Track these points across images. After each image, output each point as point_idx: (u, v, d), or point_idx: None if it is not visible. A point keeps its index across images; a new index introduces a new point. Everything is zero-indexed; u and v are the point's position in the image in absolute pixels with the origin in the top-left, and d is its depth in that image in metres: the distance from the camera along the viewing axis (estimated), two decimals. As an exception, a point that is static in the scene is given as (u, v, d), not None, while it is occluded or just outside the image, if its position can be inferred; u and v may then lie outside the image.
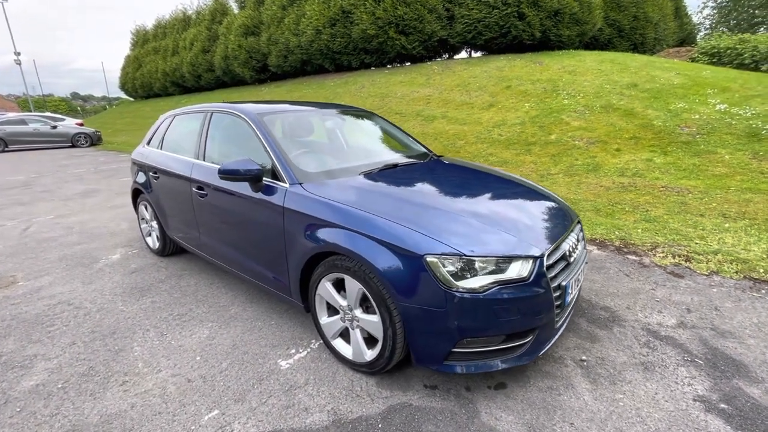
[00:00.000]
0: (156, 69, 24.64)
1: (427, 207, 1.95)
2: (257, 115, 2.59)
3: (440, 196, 2.12)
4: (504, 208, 2.06)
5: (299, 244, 2.09)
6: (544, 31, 11.01)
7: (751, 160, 5.38)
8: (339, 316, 2.06)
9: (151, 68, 25.17)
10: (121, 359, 2.22)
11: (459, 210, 1.95)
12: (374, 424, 1.70)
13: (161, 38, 25.85)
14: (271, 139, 2.42)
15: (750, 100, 6.90)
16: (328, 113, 3.06)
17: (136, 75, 27.13)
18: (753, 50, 9.78)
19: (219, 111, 2.90)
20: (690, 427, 1.65)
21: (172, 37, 24.26)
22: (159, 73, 24.23)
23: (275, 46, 16.07)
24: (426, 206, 1.96)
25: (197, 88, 22.57)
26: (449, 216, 1.88)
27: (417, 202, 2.00)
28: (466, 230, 1.78)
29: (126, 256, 3.81)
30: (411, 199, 2.03)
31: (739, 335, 2.27)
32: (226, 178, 2.27)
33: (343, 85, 13.16)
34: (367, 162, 2.59)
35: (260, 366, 2.12)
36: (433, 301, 1.65)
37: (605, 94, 8.15)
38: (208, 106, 3.09)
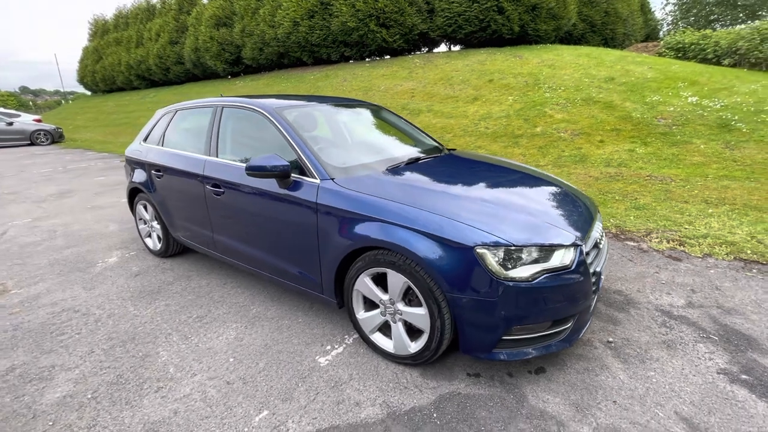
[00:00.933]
0: (119, 61, 23.34)
1: (464, 199, 1.98)
2: (276, 110, 2.53)
3: (472, 189, 2.15)
4: (536, 199, 2.12)
5: (336, 240, 2.07)
6: (523, 25, 11.25)
7: (724, 150, 5.76)
8: (379, 310, 2.07)
9: (113, 60, 23.82)
10: (149, 365, 2.14)
11: (495, 201, 2.00)
12: (429, 414, 1.73)
13: (123, 29, 24.48)
14: (295, 134, 2.37)
15: (717, 93, 7.36)
16: (341, 108, 3.03)
17: (96, 68, 25.60)
18: (715, 46, 10.39)
19: (231, 106, 2.81)
20: (720, 397, 1.78)
21: (135, 27, 23.02)
22: (122, 65, 22.98)
23: (250, 38, 15.58)
24: (463, 198, 1.99)
25: (165, 81, 21.58)
26: (488, 207, 1.91)
27: (453, 194, 2.03)
28: (508, 221, 1.83)
29: (124, 259, 3.64)
30: (447, 191, 2.06)
31: (742, 312, 2.46)
32: (254, 175, 2.22)
33: (324, 78, 12.97)
34: (391, 156, 2.59)
35: (299, 364, 2.10)
36: (484, 291, 1.69)
37: (585, 88, 8.45)
38: (215, 100, 2.98)
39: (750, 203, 4.26)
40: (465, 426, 1.67)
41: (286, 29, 13.80)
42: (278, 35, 14.30)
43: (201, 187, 2.80)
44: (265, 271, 2.60)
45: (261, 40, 15.09)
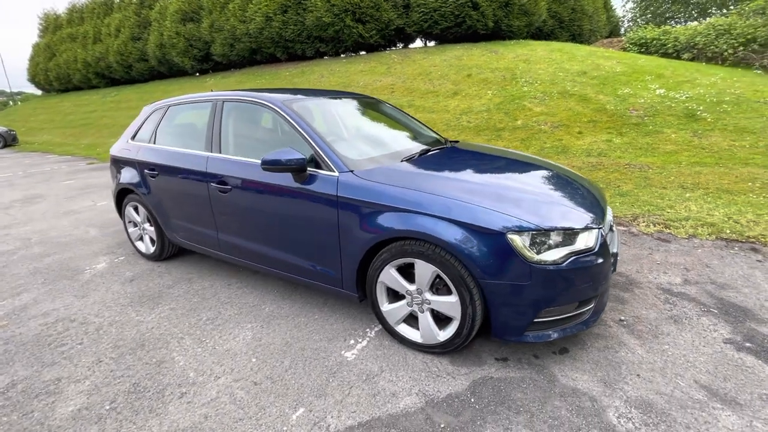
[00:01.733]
0: (74, 58, 21.98)
1: (487, 187, 2.01)
2: (285, 103, 2.47)
3: (491, 178, 2.18)
4: (553, 187, 2.18)
5: (359, 233, 2.05)
6: (497, 21, 11.48)
7: (692, 138, 6.12)
8: (405, 301, 2.07)
9: (68, 57, 22.40)
10: (166, 371, 2.04)
11: (516, 189, 2.04)
12: (466, 400, 1.76)
13: (78, 24, 23.05)
14: (308, 127, 2.33)
15: (682, 85, 7.81)
16: (344, 100, 2.99)
17: (49, 65, 24.00)
18: (674, 41, 11.01)
19: (233, 100, 2.71)
20: (731, 364, 1.91)
21: (91, 22, 21.73)
22: (79, 63, 21.66)
23: (219, 33, 15.07)
24: (485, 187, 2.02)
25: (128, 79, 20.54)
26: (511, 195, 1.95)
27: (475, 183, 2.05)
28: (533, 207, 1.87)
29: (114, 264, 3.45)
30: (467, 181, 2.08)
31: (734, 286, 2.63)
32: (269, 169, 2.16)
33: (300, 74, 12.75)
34: (402, 148, 2.58)
35: (325, 360, 2.07)
36: (517, 276, 1.73)
37: (560, 82, 8.74)
38: (212, 94, 2.87)
39: (722, 187, 4.56)
40: (503, 408, 1.70)
41: (259, 24, 13.44)
42: (250, 30, 13.91)
43: (204, 185, 2.69)
44: (278, 268, 2.55)
45: (231, 35, 14.63)
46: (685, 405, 1.68)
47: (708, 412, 1.64)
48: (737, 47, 9.38)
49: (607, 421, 1.62)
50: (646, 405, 1.69)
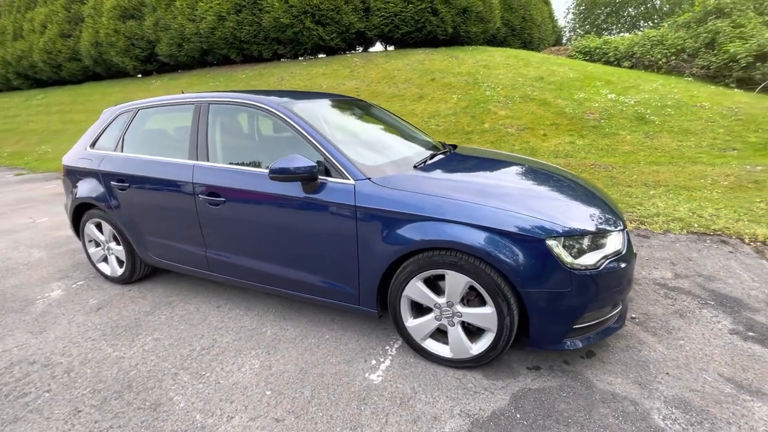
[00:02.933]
0: (-10, 56, 19.48)
1: (511, 193, 1.96)
2: (285, 106, 2.26)
3: (510, 183, 2.13)
4: (570, 191, 2.17)
5: (381, 245, 1.91)
6: (455, 27, 11.77)
7: (645, 139, 6.61)
8: (433, 315, 1.95)
9: (-18, 56, 19.80)
10: (166, 416, 1.76)
11: (539, 194, 2.00)
12: (512, 416, 1.67)
13: (-8, 18, 20.47)
14: (315, 131, 2.14)
15: (629, 91, 8.44)
16: (338, 103, 2.82)
17: (-44, 64, 21.05)
18: (615, 50, 11.93)
19: (220, 102, 2.44)
20: (744, 355, 1.99)
21: (10, 17, 19.41)
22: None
23: (166, 32, 14.07)
24: (509, 192, 1.96)
25: (57, 80, 18.57)
26: (536, 200, 1.91)
27: (498, 188, 1.99)
28: (562, 212, 1.84)
29: (72, 291, 2.99)
30: (490, 186, 2.01)
31: (719, 278, 2.81)
32: (277, 178, 1.95)
33: (258, 77, 12.22)
34: (410, 153, 2.47)
35: (350, 385, 1.90)
36: (558, 282, 1.68)
37: (520, 86, 9.11)
38: (194, 96, 2.58)
39: (679, 184, 4.93)
40: (552, 422, 1.64)
41: (210, 24, 12.71)
42: (200, 30, 13.11)
43: (189, 198, 2.40)
44: (280, 286, 2.32)
45: (180, 35, 13.71)
46: (719, 400, 1.72)
47: (741, 405, 1.68)
48: (669, 57, 10.35)
49: (655, 424, 1.61)
50: (684, 404, 1.70)
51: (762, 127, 6.44)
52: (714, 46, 9.62)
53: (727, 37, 9.39)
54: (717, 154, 5.84)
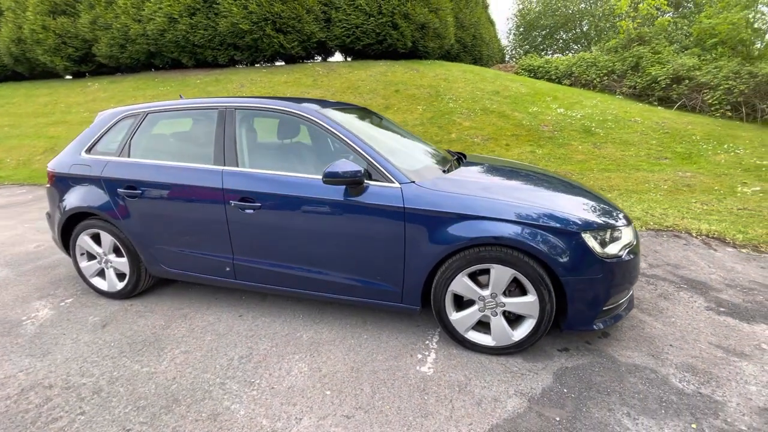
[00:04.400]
0: None
1: (540, 193, 2.20)
2: (322, 113, 2.33)
3: (533, 185, 2.38)
4: (581, 192, 2.46)
5: (430, 243, 2.04)
6: (414, 41, 12.28)
7: (593, 149, 7.41)
8: (476, 307, 2.11)
9: None
10: (229, 425, 1.72)
11: (560, 194, 2.26)
12: (560, 391, 1.88)
13: None
14: (357, 138, 2.23)
15: (574, 106, 9.40)
16: (358, 112, 2.91)
17: None
18: (555, 69, 13.19)
19: (248, 108, 2.43)
20: (722, 326, 2.40)
21: None
22: None
23: (106, 32, 13.04)
24: (538, 193, 2.20)
25: (-35, 79, 16.29)
26: (562, 199, 2.17)
27: (527, 190, 2.22)
28: (586, 209, 2.11)
29: (63, 310, 2.73)
30: (520, 188, 2.24)
31: (683, 265, 3.29)
32: (330, 182, 2.02)
33: (215, 83, 11.75)
34: (436, 159, 2.63)
35: (405, 378, 1.99)
36: (593, 270, 1.93)
37: (479, 99, 9.74)
38: (214, 101, 2.53)
39: (629, 188, 5.63)
40: (594, 392, 1.87)
41: (160, 25, 12.03)
42: (148, 32, 12.35)
43: (218, 203, 2.35)
44: (316, 290, 2.35)
45: (123, 35, 12.78)
46: (716, 363, 2.06)
47: (733, 365, 2.04)
48: (602, 77, 11.68)
49: (675, 386, 1.90)
50: (691, 368, 2.02)
51: (685, 139, 7.54)
52: (638, 69, 11.04)
53: (648, 62, 10.83)
54: (654, 162, 6.73)
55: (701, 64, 10.12)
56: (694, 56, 10.85)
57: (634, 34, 11.70)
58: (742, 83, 8.86)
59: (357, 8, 11.65)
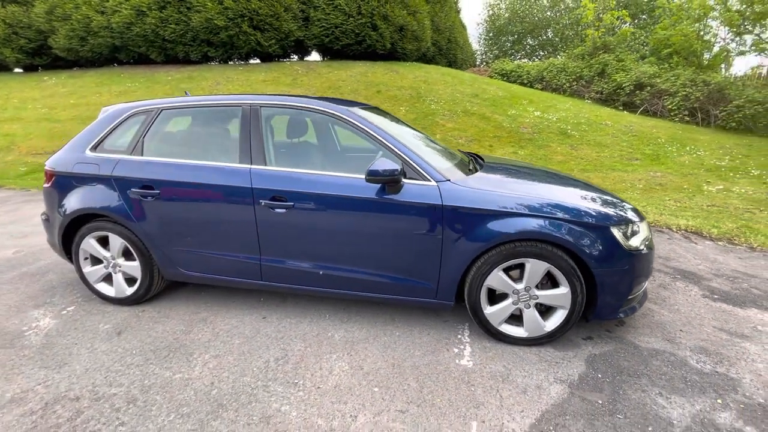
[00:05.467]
0: None
1: (566, 192, 2.32)
2: (354, 112, 2.33)
3: (561, 183, 2.50)
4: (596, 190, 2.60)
5: (467, 240, 2.10)
6: (393, 43, 12.38)
7: (571, 150, 7.81)
8: (510, 300, 2.19)
9: None
10: (284, 426, 1.70)
11: (582, 192, 2.39)
12: (595, 377, 1.99)
13: None
14: (392, 137, 2.25)
15: (549, 109, 9.85)
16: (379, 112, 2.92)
17: None
18: (527, 74, 13.74)
19: (275, 106, 2.40)
20: (719, 311, 2.63)
21: None
22: None
23: (64, 23, 12.21)
24: (565, 191, 2.32)
25: None
26: (586, 197, 2.30)
27: (558, 188, 2.34)
28: (609, 206, 2.25)
29: (68, 318, 2.56)
30: (549, 185, 2.35)
31: (673, 257, 3.56)
32: (373, 181, 2.03)
33: (188, 80, 11.28)
34: (459, 158, 2.69)
35: (448, 372, 2.03)
36: (620, 262, 2.06)
37: (459, 101, 9.97)
38: (235, 98, 2.47)
39: (608, 187, 5.97)
40: (626, 376, 2.00)
41: (126, 18, 11.41)
42: (112, 24, 11.68)
43: (247, 203, 2.29)
44: (349, 288, 2.35)
45: (84, 27, 12.01)
46: (724, 345, 2.26)
47: (739, 346, 2.25)
48: (572, 82, 12.31)
49: (694, 366, 2.07)
50: (704, 350, 2.21)
51: (652, 142, 8.10)
52: (604, 75, 11.73)
53: (613, 69, 11.54)
54: (627, 163, 7.18)
55: (661, 72, 10.91)
56: (653, 65, 11.67)
57: (600, 42, 12.42)
58: (698, 90, 9.65)
59: (336, 8, 11.60)
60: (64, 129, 9.06)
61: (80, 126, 9.37)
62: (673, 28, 12.55)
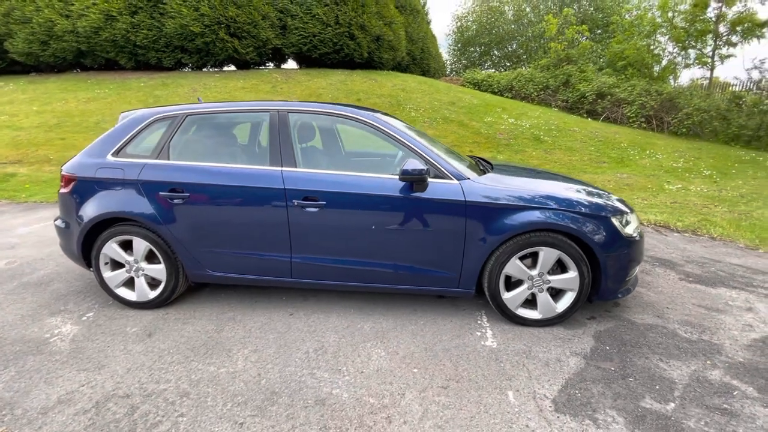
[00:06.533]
0: None
1: (568, 188, 2.60)
2: (379, 117, 2.52)
3: (564, 181, 2.79)
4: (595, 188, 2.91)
5: (488, 232, 2.32)
6: (370, 52, 12.68)
7: (545, 155, 8.34)
8: (525, 286, 2.43)
9: None
10: (340, 407, 1.83)
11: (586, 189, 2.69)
12: (603, 349, 2.26)
13: None
14: (416, 140, 2.46)
15: (522, 116, 10.44)
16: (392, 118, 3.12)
17: None
18: (497, 83, 14.44)
19: (303, 111, 2.54)
20: (695, 291, 3.00)
21: None
22: None
23: (23, 26, 11.63)
24: (567, 187, 2.60)
25: None
26: (584, 192, 2.59)
27: (564, 186, 2.62)
28: (605, 199, 2.55)
29: (91, 323, 2.55)
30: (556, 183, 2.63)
31: (648, 248, 3.97)
32: (406, 179, 2.22)
33: (162, 86, 11.02)
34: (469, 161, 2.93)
35: (477, 352, 2.23)
36: (620, 247, 2.36)
37: (438, 109, 10.37)
38: (263, 104, 2.59)
39: (582, 188, 6.46)
40: (629, 347, 2.28)
41: (94, 23, 11.03)
42: (78, 28, 11.25)
43: (280, 204, 2.40)
44: (375, 281, 2.52)
45: (46, 31, 11.49)
46: (704, 317, 2.61)
47: (716, 318, 2.60)
48: (539, 91, 13.09)
49: (684, 336, 2.39)
50: (689, 323, 2.54)
51: (616, 146, 8.79)
52: (569, 85, 12.57)
53: (576, 79, 12.39)
54: (596, 166, 7.78)
55: (619, 83, 11.84)
56: (611, 76, 12.64)
57: (563, 54, 13.30)
58: (652, 100, 10.57)
59: (314, 17, 11.77)
60: (30, 137, 8.61)
61: (48, 134, 8.95)
62: (627, 42, 13.68)
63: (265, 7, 11.43)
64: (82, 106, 10.16)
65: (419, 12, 16.32)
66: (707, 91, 12.09)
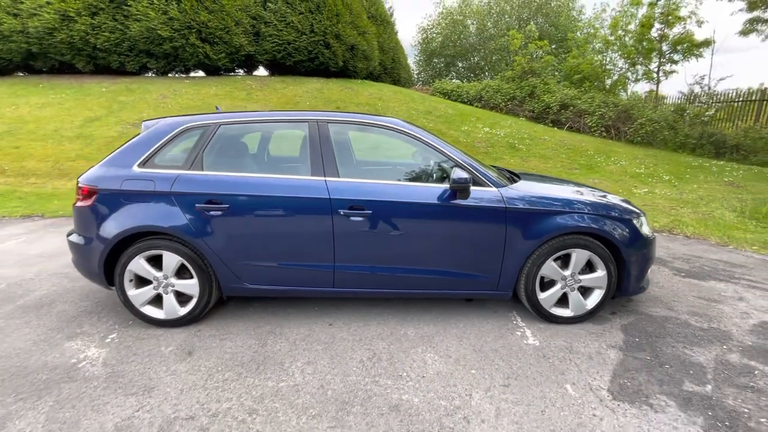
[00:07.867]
0: None
1: (594, 192, 2.82)
2: (418, 128, 2.60)
3: (580, 188, 2.99)
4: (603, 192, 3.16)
5: (527, 236, 2.46)
6: (345, 61, 12.74)
7: (522, 162, 8.78)
8: (558, 286, 2.59)
9: None
10: (415, 411, 1.86)
11: (602, 193, 2.92)
12: (633, 341, 2.46)
13: None
14: (456, 150, 2.56)
15: (495, 126, 10.92)
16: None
17: None
18: (466, 93, 15.01)
19: (342, 122, 2.57)
20: (691, 285, 3.33)
21: None
22: None
23: (-37, 24, 10.56)
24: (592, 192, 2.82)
25: None
26: (603, 198, 2.82)
27: (587, 191, 2.82)
28: (623, 202, 2.79)
29: (119, 346, 2.39)
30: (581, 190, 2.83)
31: (637, 247, 4.32)
32: (455, 188, 2.32)
33: (127, 92, 10.42)
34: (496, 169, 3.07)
35: (523, 350, 2.35)
36: (641, 247, 2.59)
37: (416, 118, 10.59)
38: (300, 114, 2.60)
39: (562, 193, 6.89)
40: (654, 338, 2.50)
41: (48, 23, 10.25)
42: (29, 28, 10.40)
43: (324, 213, 2.40)
44: (416, 288, 2.59)
45: (-9, 30, 10.50)
46: (707, 308, 2.91)
47: (716, 308, 2.91)
48: (507, 101, 13.77)
49: (695, 325, 2.65)
50: (695, 313, 2.82)
51: (583, 154, 9.44)
52: (534, 96, 13.33)
53: (541, 91, 13.18)
54: (569, 172, 8.31)
55: (579, 95, 12.73)
56: (571, 88, 13.56)
57: (527, 67, 14.11)
58: (610, 111, 11.48)
59: (288, 25, 11.67)
60: (-21, 146, 7.81)
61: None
62: (582, 57, 14.76)
63: (238, 13, 11.18)
64: (36, 112, 9.37)
65: (389, 23, 16.65)
66: (654, 103, 13.30)
